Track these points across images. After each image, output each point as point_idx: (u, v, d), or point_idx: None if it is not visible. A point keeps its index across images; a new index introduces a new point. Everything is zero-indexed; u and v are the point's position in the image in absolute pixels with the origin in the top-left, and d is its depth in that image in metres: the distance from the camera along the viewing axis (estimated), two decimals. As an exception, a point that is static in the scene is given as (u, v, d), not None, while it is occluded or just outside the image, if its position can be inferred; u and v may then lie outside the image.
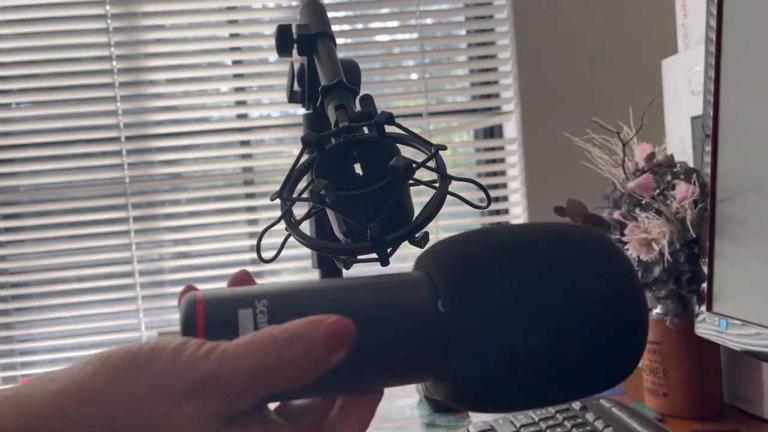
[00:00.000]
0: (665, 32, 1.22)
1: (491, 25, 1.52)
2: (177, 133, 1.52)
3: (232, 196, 1.53)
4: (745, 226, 0.67)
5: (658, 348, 0.81)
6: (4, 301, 1.50)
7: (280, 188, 0.40)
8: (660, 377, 0.81)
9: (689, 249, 0.77)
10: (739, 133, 0.67)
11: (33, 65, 1.50)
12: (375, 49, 1.57)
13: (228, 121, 1.54)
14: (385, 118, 0.40)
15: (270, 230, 0.42)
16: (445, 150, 0.41)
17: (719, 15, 0.69)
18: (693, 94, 0.96)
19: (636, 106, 0.87)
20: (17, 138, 1.50)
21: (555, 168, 1.42)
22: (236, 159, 1.53)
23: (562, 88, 1.45)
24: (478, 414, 0.88)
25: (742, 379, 0.80)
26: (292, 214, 0.40)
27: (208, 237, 1.53)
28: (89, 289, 1.51)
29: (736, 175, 0.68)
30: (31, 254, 1.50)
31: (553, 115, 1.44)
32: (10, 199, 1.51)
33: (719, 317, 0.70)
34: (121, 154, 1.49)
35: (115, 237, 1.50)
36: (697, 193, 0.74)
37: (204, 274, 1.52)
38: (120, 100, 1.50)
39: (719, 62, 0.69)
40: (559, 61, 1.45)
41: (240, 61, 1.54)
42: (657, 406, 0.82)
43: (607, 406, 0.71)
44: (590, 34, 1.45)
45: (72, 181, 1.52)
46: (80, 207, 1.52)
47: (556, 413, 0.72)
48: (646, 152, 0.82)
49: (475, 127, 1.58)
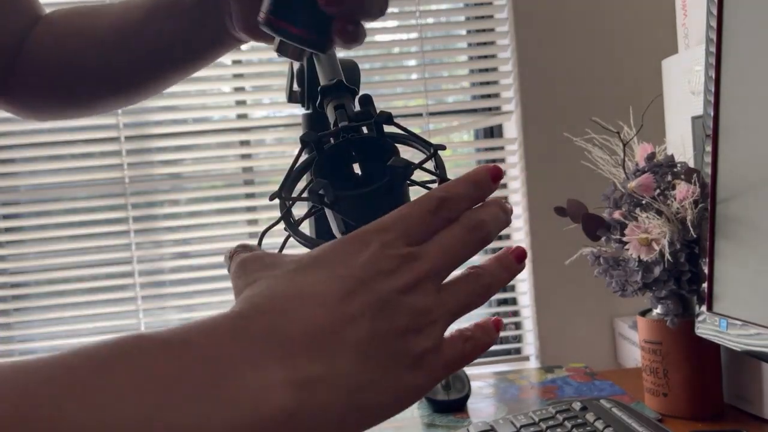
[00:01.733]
0: (665, 32, 1.22)
1: (491, 25, 1.52)
2: (177, 133, 1.52)
3: (232, 196, 1.53)
4: (745, 226, 0.67)
5: (658, 348, 0.81)
6: (4, 301, 1.50)
7: (279, 188, 0.40)
8: (660, 377, 0.81)
9: (689, 249, 0.77)
10: (740, 133, 0.67)
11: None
12: (375, 49, 1.57)
13: (228, 121, 1.54)
14: (384, 118, 0.40)
15: (270, 231, 0.42)
16: (444, 150, 0.41)
17: (719, 15, 0.69)
18: (693, 94, 0.96)
19: (636, 106, 0.86)
20: (17, 138, 1.50)
21: (555, 168, 1.42)
22: (236, 159, 1.53)
23: (562, 88, 1.45)
24: (478, 414, 0.88)
25: (743, 379, 0.80)
26: (291, 214, 0.40)
27: (208, 237, 1.53)
28: (89, 289, 1.51)
29: (736, 175, 0.68)
30: (31, 254, 1.50)
31: (553, 115, 1.44)
32: (9, 199, 1.51)
33: (719, 317, 0.69)
34: (120, 154, 1.49)
35: (114, 237, 1.50)
36: (697, 193, 0.74)
37: (204, 274, 1.52)
38: (120, 100, 1.50)
39: (719, 62, 0.69)
40: (559, 61, 1.45)
41: (240, 61, 1.54)
42: (657, 406, 0.82)
43: (608, 406, 0.71)
44: (590, 33, 1.45)
45: (72, 181, 1.52)
46: (80, 207, 1.52)
47: (557, 413, 0.72)
48: (647, 152, 0.82)
49: (475, 127, 1.58)
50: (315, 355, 0.30)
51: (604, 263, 0.82)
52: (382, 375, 0.31)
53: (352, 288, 0.31)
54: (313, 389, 0.29)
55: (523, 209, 1.47)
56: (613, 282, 0.81)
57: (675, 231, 0.76)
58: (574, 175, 1.06)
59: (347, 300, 0.31)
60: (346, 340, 0.30)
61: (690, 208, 0.75)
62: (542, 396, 0.93)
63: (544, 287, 1.45)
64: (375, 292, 0.31)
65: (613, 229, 0.81)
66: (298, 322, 0.30)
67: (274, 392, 0.28)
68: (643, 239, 0.76)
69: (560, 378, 0.99)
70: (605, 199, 0.84)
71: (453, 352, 0.34)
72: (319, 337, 0.30)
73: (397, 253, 0.32)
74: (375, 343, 0.31)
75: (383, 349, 0.31)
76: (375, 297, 0.31)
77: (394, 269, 0.32)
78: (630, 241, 0.77)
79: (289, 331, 0.30)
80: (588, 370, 1.02)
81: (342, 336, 0.30)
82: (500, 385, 0.99)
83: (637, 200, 0.79)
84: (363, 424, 0.31)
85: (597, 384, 0.95)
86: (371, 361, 0.31)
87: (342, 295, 0.31)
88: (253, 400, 0.28)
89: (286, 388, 0.29)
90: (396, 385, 0.32)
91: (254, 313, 0.30)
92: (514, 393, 0.95)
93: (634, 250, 0.77)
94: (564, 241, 0.89)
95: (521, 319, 1.52)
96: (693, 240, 0.76)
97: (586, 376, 0.99)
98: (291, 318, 0.30)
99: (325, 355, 0.30)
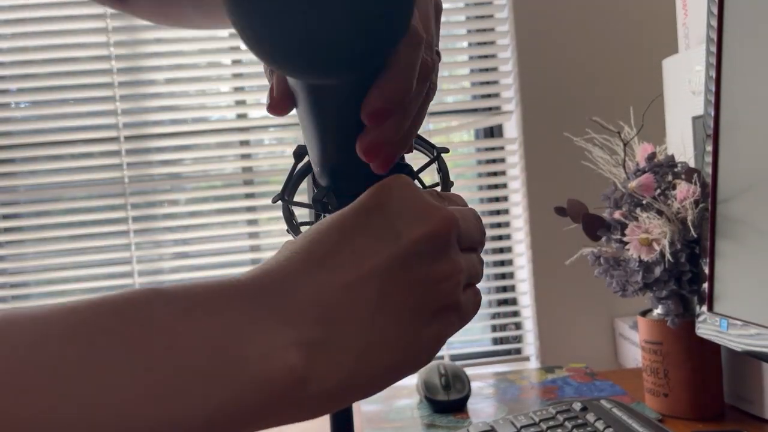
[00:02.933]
0: (666, 32, 1.22)
1: (491, 25, 1.51)
2: (176, 133, 1.52)
3: (232, 196, 1.53)
4: (746, 226, 0.66)
5: (659, 348, 0.81)
6: (4, 301, 1.50)
7: (281, 191, 0.40)
8: (661, 378, 0.81)
9: (690, 249, 0.77)
10: (740, 133, 0.67)
11: (32, 65, 1.50)
12: (375, 49, 1.57)
13: (227, 121, 1.54)
14: None
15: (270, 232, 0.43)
16: (447, 153, 0.41)
17: (720, 14, 0.69)
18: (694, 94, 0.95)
19: (637, 105, 0.86)
20: (16, 138, 1.50)
21: (555, 168, 1.42)
22: (236, 159, 1.53)
23: (562, 88, 1.44)
24: (479, 414, 0.88)
25: (743, 379, 0.80)
26: (294, 216, 0.40)
27: (208, 237, 1.52)
28: (89, 289, 1.51)
29: (737, 175, 0.68)
30: (31, 254, 1.50)
31: (553, 115, 1.44)
32: (9, 199, 1.51)
33: (720, 317, 0.69)
34: (120, 154, 1.49)
35: (114, 237, 1.50)
36: (698, 193, 0.74)
37: (204, 274, 1.52)
38: (119, 100, 1.49)
39: (720, 62, 0.69)
40: (559, 61, 1.45)
41: (239, 61, 1.53)
42: (658, 406, 0.82)
43: (608, 406, 0.71)
44: (590, 33, 1.45)
45: (71, 181, 1.52)
46: (79, 207, 1.51)
47: (557, 414, 0.71)
48: (647, 152, 0.82)
49: (475, 127, 1.58)
50: (323, 317, 0.30)
51: (604, 263, 0.82)
52: (396, 333, 0.31)
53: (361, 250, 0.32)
54: (321, 350, 0.29)
55: (523, 209, 1.47)
56: (614, 282, 0.81)
57: (675, 231, 0.76)
58: (574, 175, 1.06)
59: (356, 260, 0.31)
60: (356, 301, 0.31)
61: (690, 208, 0.75)
62: (542, 396, 0.93)
63: (544, 287, 1.44)
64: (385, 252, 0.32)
65: (614, 229, 0.81)
66: (304, 283, 0.30)
67: (282, 354, 0.28)
68: (644, 239, 0.76)
69: (560, 378, 0.99)
70: (605, 199, 0.84)
71: (465, 299, 0.34)
72: (326, 297, 0.30)
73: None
74: (388, 302, 0.31)
75: (398, 306, 0.31)
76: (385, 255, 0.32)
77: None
78: (630, 241, 0.77)
79: (297, 293, 0.30)
80: (588, 370, 1.02)
81: (352, 297, 0.31)
82: (500, 385, 0.99)
83: (637, 200, 0.79)
84: (376, 384, 0.32)
85: (597, 384, 0.95)
86: (384, 319, 0.31)
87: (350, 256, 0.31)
88: (261, 362, 0.28)
89: (294, 349, 0.28)
90: (414, 341, 0.32)
91: (263, 275, 0.31)
92: (514, 393, 0.95)
93: (635, 250, 0.77)
94: (564, 241, 0.89)
95: (521, 319, 1.52)
96: (693, 240, 0.76)
97: (586, 376, 0.99)
98: (296, 279, 0.30)
99: (334, 317, 0.30)
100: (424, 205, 0.33)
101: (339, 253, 0.31)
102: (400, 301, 0.31)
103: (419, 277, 0.32)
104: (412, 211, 0.33)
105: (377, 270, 0.31)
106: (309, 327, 0.29)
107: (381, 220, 0.32)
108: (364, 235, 0.32)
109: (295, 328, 0.29)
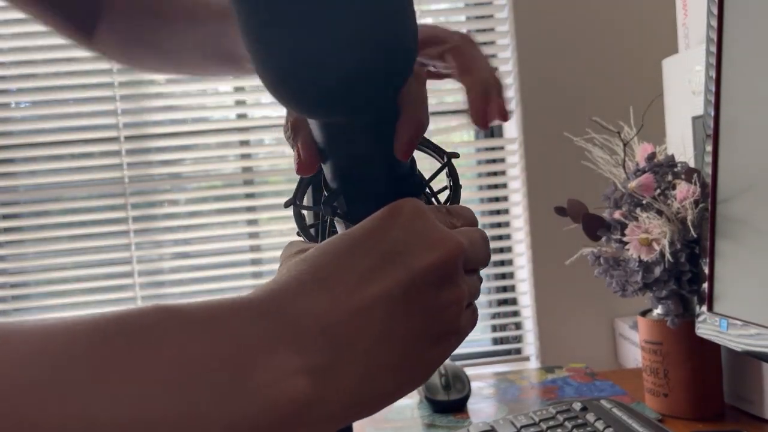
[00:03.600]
0: (666, 32, 1.22)
1: (491, 25, 1.51)
2: (176, 133, 1.52)
3: (232, 196, 1.53)
4: (746, 226, 0.66)
5: (659, 348, 0.81)
6: (4, 301, 1.50)
7: (293, 195, 0.41)
8: (660, 378, 0.81)
9: (690, 249, 0.77)
10: (740, 133, 0.67)
11: (32, 65, 1.50)
12: (375, 49, 1.57)
13: (227, 121, 1.54)
14: None
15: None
16: (458, 158, 0.41)
17: (720, 14, 0.69)
18: (694, 94, 0.95)
19: (636, 105, 0.86)
20: (16, 138, 1.50)
21: (555, 168, 1.42)
22: (236, 159, 1.53)
23: (562, 88, 1.44)
24: (479, 414, 0.88)
25: (743, 379, 0.80)
26: (304, 220, 0.41)
27: (208, 237, 1.52)
28: (89, 289, 1.51)
29: (737, 175, 0.68)
30: (31, 254, 1.50)
31: (553, 115, 1.44)
32: (9, 199, 1.51)
33: (720, 317, 0.69)
34: (120, 154, 1.49)
35: (114, 237, 1.50)
36: (698, 193, 0.74)
37: (204, 274, 1.52)
38: (119, 100, 1.49)
39: (720, 62, 0.69)
40: (559, 61, 1.45)
41: (239, 61, 1.53)
42: (658, 406, 0.82)
43: (608, 406, 0.71)
44: (590, 33, 1.45)
45: (71, 181, 1.52)
46: (79, 207, 1.51)
47: (557, 414, 0.71)
48: (647, 152, 0.82)
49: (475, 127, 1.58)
50: (330, 344, 0.30)
51: (604, 263, 0.82)
52: (399, 358, 0.32)
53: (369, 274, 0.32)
54: (327, 376, 0.29)
55: (523, 209, 1.47)
56: (614, 282, 0.81)
57: (675, 231, 0.76)
58: (574, 175, 1.06)
59: (363, 285, 0.31)
60: (361, 328, 0.31)
61: (690, 208, 0.75)
62: (542, 396, 0.93)
63: (544, 287, 1.44)
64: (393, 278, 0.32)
65: (614, 229, 0.81)
66: (311, 308, 0.30)
67: (290, 381, 0.28)
68: (644, 239, 0.76)
69: (560, 378, 0.99)
70: (605, 199, 0.84)
71: (464, 320, 0.35)
72: (332, 323, 0.30)
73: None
74: (393, 328, 0.31)
75: (402, 332, 0.32)
76: (392, 282, 0.32)
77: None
78: (630, 241, 0.77)
79: (303, 319, 0.30)
80: (588, 370, 1.02)
81: (357, 324, 0.31)
82: (500, 385, 0.99)
83: (637, 200, 0.79)
84: (378, 405, 0.32)
85: (597, 384, 0.95)
86: (388, 345, 0.31)
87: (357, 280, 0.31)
88: (269, 388, 0.28)
89: (302, 376, 0.29)
90: (416, 365, 0.33)
91: (269, 300, 0.30)
92: (514, 393, 0.95)
93: (635, 250, 0.77)
94: (564, 241, 0.89)
95: (521, 319, 1.52)
96: (693, 240, 0.76)
97: (586, 376, 0.99)
98: (303, 303, 0.30)
99: (340, 343, 0.30)
100: (434, 233, 0.33)
101: (346, 276, 0.31)
102: (405, 328, 0.32)
103: (425, 305, 0.32)
104: (422, 239, 0.33)
105: (384, 296, 0.31)
106: (316, 354, 0.29)
107: (390, 246, 0.32)
108: (372, 259, 0.32)
109: (303, 355, 0.29)
